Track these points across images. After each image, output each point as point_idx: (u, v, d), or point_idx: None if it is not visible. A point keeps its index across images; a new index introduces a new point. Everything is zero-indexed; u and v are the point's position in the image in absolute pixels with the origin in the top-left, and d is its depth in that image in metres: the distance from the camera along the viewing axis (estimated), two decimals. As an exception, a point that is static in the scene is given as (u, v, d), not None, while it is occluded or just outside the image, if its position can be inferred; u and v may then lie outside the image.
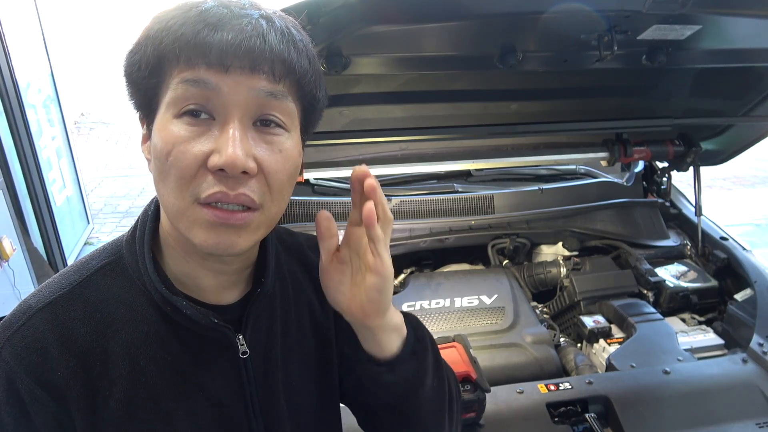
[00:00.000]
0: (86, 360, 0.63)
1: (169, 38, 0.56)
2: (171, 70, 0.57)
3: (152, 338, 0.66)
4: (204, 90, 0.57)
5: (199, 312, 0.66)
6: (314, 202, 1.96)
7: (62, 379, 0.61)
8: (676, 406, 1.29)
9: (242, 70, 0.57)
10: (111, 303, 0.66)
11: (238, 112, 0.58)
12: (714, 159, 2.05)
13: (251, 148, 0.58)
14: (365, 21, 1.16)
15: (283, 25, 0.60)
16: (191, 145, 0.57)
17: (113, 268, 0.68)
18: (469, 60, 1.46)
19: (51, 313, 0.63)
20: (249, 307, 0.71)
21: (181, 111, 0.58)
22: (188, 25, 0.56)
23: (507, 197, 2.05)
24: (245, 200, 0.59)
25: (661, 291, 1.77)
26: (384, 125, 1.74)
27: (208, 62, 0.56)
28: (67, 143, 3.96)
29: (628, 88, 1.78)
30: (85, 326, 0.64)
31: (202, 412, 0.69)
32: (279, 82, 0.59)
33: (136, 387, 0.65)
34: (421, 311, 1.62)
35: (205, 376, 0.69)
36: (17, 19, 3.25)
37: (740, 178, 5.63)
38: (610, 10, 1.22)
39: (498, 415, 1.24)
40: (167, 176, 0.58)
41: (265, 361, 0.73)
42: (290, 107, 0.62)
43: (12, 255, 2.71)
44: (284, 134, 0.62)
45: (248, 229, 0.61)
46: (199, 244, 0.60)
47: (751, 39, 1.43)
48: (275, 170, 0.61)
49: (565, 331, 1.77)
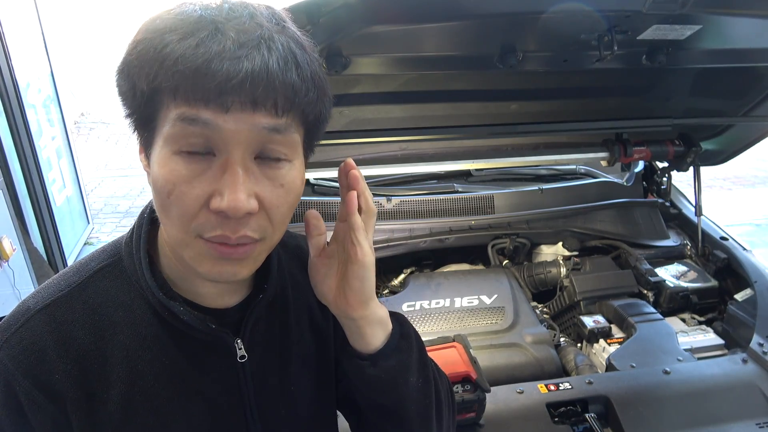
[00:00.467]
0: (84, 363, 0.62)
1: (163, 72, 0.52)
2: (168, 102, 0.54)
3: (150, 342, 0.65)
4: (203, 129, 0.54)
5: (196, 318, 0.65)
6: (314, 202, 1.96)
7: (60, 382, 0.61)
8: (676, 406, 1.28)
9: (243, 107, 0.53)
10: (109, 306, 0.65)
11: (239, 151, 0.55)
12: (714, 159, 2.05)
13: (252, 187, 0.57)
14: (365, 21, 1.16)
15: (285, 45, 0.55)
16: (192, 185, 0.56)
17: (112, 271, 0.67)
18: (469, 60, 1.46)
19: (49, 315, 0.63)
20: (249, 312, 0.71)
21: (180, 149, 0.55)
22: (185, 59, 0.51)
23: (507, 197, 2.05)
24: (246, 240, 0.59)
25: (661, 291, 1.77)
26: (384, 125, 1.74)
27: (206, 100, 0.52)
28: (67, 143, 3.96)
29: (628, 88, 1.78)
30: (83, 329, 0.63)
31: (200, 416, 0.68)
32: (282, 116, 0.56)
33: (134, 390, 0.64)
34: (421, 311, 1.62)
35: (203, 380, 0.68)
36: (17, 19, 3.25)
37: (740, 178, 5.63)
38: (610, 10, 1.22)
39: (498, 415, 1.24)
40: (169, 211, 0.58)
41: (262, 366, 0.73)
42: (293, 138, 0.59)
43: (12, 255, 2.72)
44: (287, 166, 0.60)
45: (249, 259, 0.61)
46: (204, 273, 0.60)
47: (751, 39, 1.43)
48: (277, 205, 0.59)
49: (565, 331, 1.77)
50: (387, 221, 1.95)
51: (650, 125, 1.82)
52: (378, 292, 1.86)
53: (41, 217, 3.29)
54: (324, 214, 1.94)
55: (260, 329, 0.73)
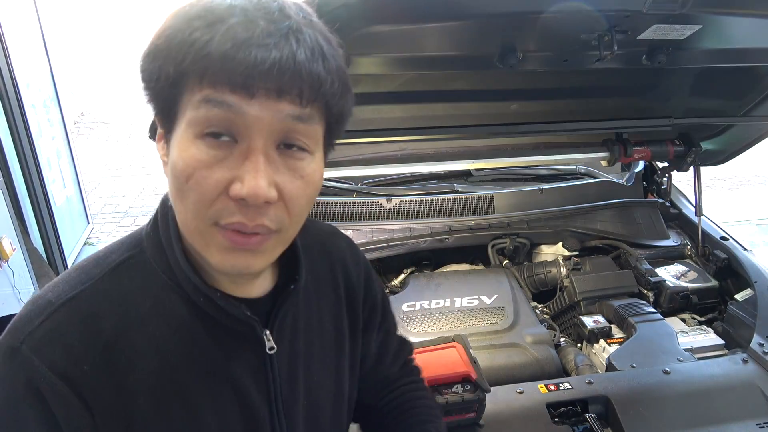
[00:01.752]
0: (112, 355, 0.61)
1: (192, 56, 0.53)
2: (193, 86, 0.54)
3: (181, 332, 0.65)
4: (227, 112, 0.54)
5: (232, 304, 0.65)
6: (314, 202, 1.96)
7: (88, 375, 0.60)
8: (676, 406, 1.28)
9: (268, 94, 0.54)
10: (136, 297, 0.64)
11: (261, 138, 0.55)
12: (714, 159, 2.05)
13: (273, 176, 0.57)
14: (365, 21, 1.16)
15: (313, 39, 0.56)
16: (212, 171, 0.55)
17: (135, 263, 0.66)
18: (469, 60, 1.46)
19: (74, 307, 0.62)
20: (280, 302, 0.71)
21: (203, 132, 0.55)
22: (213, 43, 0.52)
23: (507, 197, 2.05)
24: (262, 230, 0.58)
25: (661, 291, 1.77)
26: (384, 125, 1.74)
27: (232, 85, 0.53)
28: (67, 143, 3.96)
29: (628, 88, 1.78)
30: (109, 321, 0.62)
31: (230, 406, 0.68)
32: (306, 105, 0.56)
33: (164, 382, 0.64)
34: (421, 311, 1.62)
35: (234, 371, 0.68)
36: (17, 19, 3.25)
37: (740, 178, 5.63)
38: (610, 10, 1.22)
39: (498, 415, 1.23)
40: (186, 197, 0.57)
41: (289, 357, 0.73)
42: (316, 129, 0.60)
43: (12, 255, 2.71)
44: (308, 158, 0.60)
45: (264, 251, 0.61)
46: (215, 264, 0.60)
47: (751, 39, 1.43)
48: (296, 196, 0.59)
49: (565, 331, 1.77)
50: (387, 221, 1.94)
51: (650, 125, 1.82)
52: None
53: (41, 217, 3.29)
54: (324, 214, 1.95)
55: (287, 321, 0.73)
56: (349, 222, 1.92)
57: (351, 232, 1.88)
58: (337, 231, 0.89)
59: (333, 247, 0.85)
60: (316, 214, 1.94)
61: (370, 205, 1.98)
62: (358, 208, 1.97)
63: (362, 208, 1.97)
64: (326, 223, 0.89)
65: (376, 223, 1.92)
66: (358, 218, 1.95)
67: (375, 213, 1.97)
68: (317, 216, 1.94)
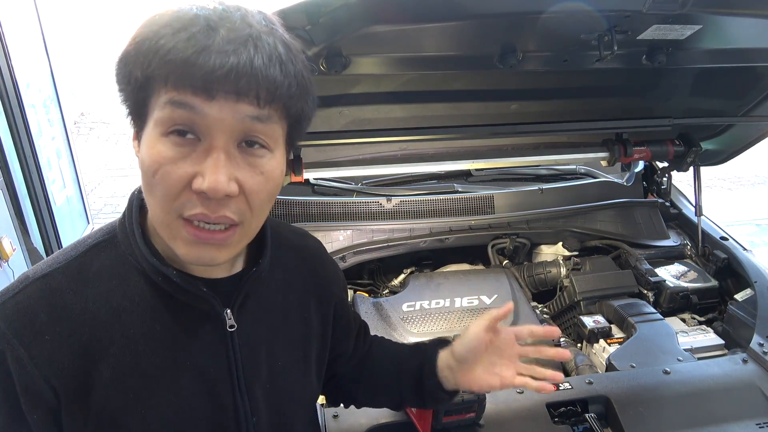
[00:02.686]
0: (75, 327, 0.66)
1: (156, 61, 0.57)
2: (159, 89, 0.59)
3: (142, 308, 0.69)
4: (190, 113, 0.58)
5: (187, 281, 0.69)
6: (314, 202, 1.96)
7: (49, 343, 0.65)
8: (676, 406, 1.28)
9: (227, 96, 0.58)
10: (104, 275, 0.69)
11: (222, 136, 0.60)
12: (714, 159, 2.05)
13: (234, 171, 0.61)
14: (365, 21, 1.16)
15: (272, 45, 0.60)
16: (177, 166, 0.60)
17: (107, 246, 0.72)
18: (469, 60, 1.46)
19: (45, 283, 0.68)
20: (241, 285, 0.75)
21: (168, 130, 0.60)
22: (176, 50, 0.56)
23: (507, 197, 2.05)
24: (225, 221, 0.63)
25: (661, 291, 1.77)
26: (384, 125, 1.74)
27: (194, 88, 0.57)
28: (67, 143, 3.95)
29: (628, 88, 1.78)
30: (77, 296, 0.68)
31: (189, 382, 0.72)
32: (264, 107, 0.60)
33: (126, 354, 0.68)
34: (421, 311, 1.62)
35: (193, 347, 0.72)
36: (17, 19, 3.25)
37: (741, 178, 5.63)
38: (610, 10, 1.22)
39: (498, 415, 1.24)
40: (154, 190, 0.62)
41: (251, 337, 0.77)
42: (275, 129, 0.64)
43: (12, 255, 2.71)
44: (267, 155, 0.64)
45: (229, 245, 0.65)
46: (182, 255, 0.64)
47: (751, 39, 1.43)
48: (256, 191, 0.64)
49: (565, 331, 1.77)
50: (387, 221, 1.94)
51: (650, 125, 1.82)
52: (378, 292, 1.86)
53: (41, 217, 3.28)
54: (324, 214, 1.95)
55: (250, 304, 0.77)
56: (349, 222, 1.92)
57: (351, 232, 1.88)
58: (308, 233, 0.95)
59: (303, 245, 0.91)
60: (317, 214, 1.94)
61: (370, 205, 1.98)
62: (358, 208, 1.97)
63: (362, 208, 1.97)
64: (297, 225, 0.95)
65: (376, 223, 1.92)
66: (358, 218, 1.95)
67: (375, 213, 1.97)
68: (318, 216, 1.94)
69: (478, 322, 0.90)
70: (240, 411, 0.75)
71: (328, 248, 1.80)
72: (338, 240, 1.85)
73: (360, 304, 1.64)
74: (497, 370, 0.91)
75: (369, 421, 1.20)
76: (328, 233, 1.86)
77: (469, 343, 0.90)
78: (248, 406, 0.76)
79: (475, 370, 0.91)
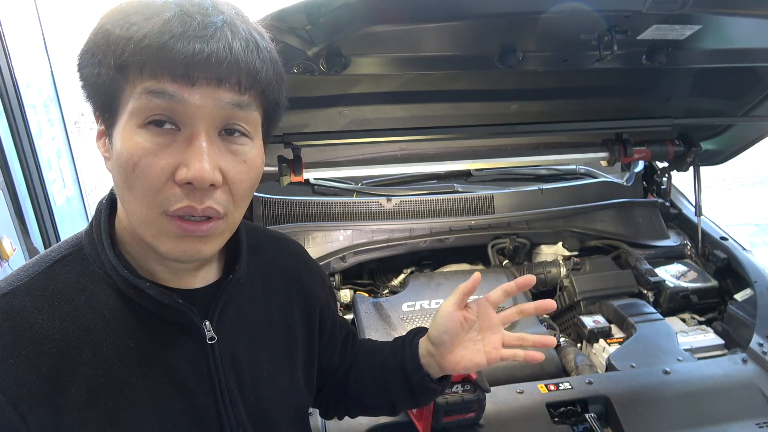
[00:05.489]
0: (42, 348, 0.62)
1: (131, 48, 0.54)
2: (134, 78, 0.56)
3: (114, 324, 0.65)
4: (169, 102, 0.56)
5: (162, 293, 0.66)
6: (314, 202, 1.96)
7: (14, 367, 0.60)
8: (676, 406, 1.28)
9: (208, 82, 0.56)
10: (70, 291, 0.65)
11: (204, 124, 0.58)
12: (714, 159, 2.05)
13: (217, 160, 0.59)
14: (365, 21, 1.16)
15: (246, 32, 0.59)
16: (158, 157, 0.57)
17: (73, 259, 0.68)
18: (469, 60, 1.46)
19: (5, 303, 0.63)
20: (218, 293, 0.72)
21: (146, 121, 0.57)
22: (152, 36, 0.54)
23: (507, 197, 2.05)
24: (211, 212, 0.60)
25: (661, 291, 1.77)
26: (384, 125, 1.74)
27: (173, 75, 0.55)
28: (67, 143, 3.95)
29: (628, 88, 1.78)
30: (42, 315, 0.63)
31: (168, 397, 0.68)
32: (245, 93, 0.59)
33: (98, 373, 0.64)
34: (421, 311, 1.62)
35: (172, 363, 0.69)
36: (17, 19, 3.25)
37: (740, 178, 5.63)
38: (610, 10, 1.22)
39: (498, 415, 1.24)
40: (134, 186, 0.59)
41: (233, 349, 0.74)
42: (254, 116, 0.63)
43: (12, 255, 2.71)
44: (248, 143, 0.63)
45: (213, 237, 0.63)
46: (166, 252, 0.62)
47: (751, 39, 1.43)
48: (239, 180, 0.62)
49: (565, 331, 1.77)
50: (387, 221, 1.94)
51: (650, 125, 1.82)
52: (378, 292, 1.86)
53: (41, 217, 3.28)
54: (324, 214, 1.95)
55: (230, 313, 0.74)
56: (349, 222, 1.92)
57: (351, 232, 1.88)
58: (288, 236, 0.92)
59: (283, 249, 0.88)
60: (317, 214, 1.94)
61: (370, 205, 1.98)
62: (358, 208, 1.97)
63: (362, 208, 1.97)
64: (275, 228, 0.92)
65: (376, 223, 1.92)
66: (358, 218, 1.95)
67: (375, 213, 1.97)
68: (318, 216, 1.94)
69: (447, 300, 0.86)
70: (225, 426, 0.72)
71: (328, 248, 1.83)
72: (338, 240, 1.85)
73: (360, 304, 1.64)
74: (480, 347, 0.85)
75: (369, 421, 1.20)
76: (328, 233, 1.86)
77: (443, 324, 0.85)
78: (233, 420, 0.73)
79: (457, 351, 0.86)
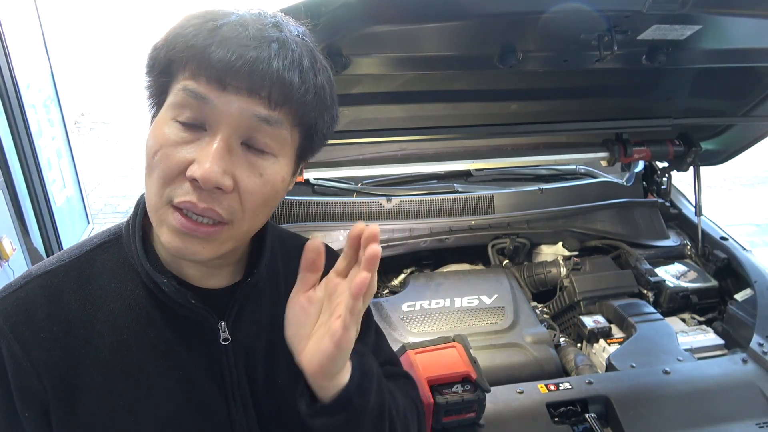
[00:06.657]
0: (71, 328, 0.66)
1: (180, 46, 0.59)
2: (178, 74, 0.60)
3: (137, 313, 0.68)
4: (200, 102, 0.59)
5: (177, 291, 0.67)
6: (314, 202, 1.96)
7: (43, 340, 0.65)
8: (676, 406, 1.28)
9: (239, 90, 0.58)
10: (104, 276, 0.69)
11: (227, 130, 0.59)
12: (714, 159, 2.05)
13: (231, 167, 0.60)
14: (365, 21, 1.16)
15: (297, 53, 0.60)
16: (177, 150, 0.60)
17: (112, 246, 0.71)
18: (469, 60, 1.46)
19: (46, 280, 0.68)
20: (235, 295, 0.72)
21: (177, 117, 0.60)
22: (200, 37, 0.58)
23: (507, 197, 2.05)
24: (213, 215, 0.61)
25: (661, 291, 1.77)
26: (384, 125, 1.74)
27: (208, 77, 0.58)
28: (67, 143, 3.95)
29: (628, 88, 1.78)
30: (75, 295, 0.67)
31: (180, 391, 0.70)
32: (275, 108, 0.60)
33: (118, 358, 0.67)
34: (421, 311, 1.62)
35: (187, 358, 0.70)
36: (17, 19, 3.25)
37: (740, 178, 5.63)
38: (610, 10, 1.22)
39: (498, 415, 1.23)
40: (151, 172, 0.61)
41: (248, 353, 0.74)
42: (283, 134, 0.62)
43: (12, 255, 2.71)
44: (270, 159, 0.63)
45: (214, 241, 0.63)
46: (165, 243, 0.63)
47: (751, 39, 1.43)
48: (251, 191, 0.62)
49: (565, 331, 1.77)
50: (387, 221, 1.94)
51: (650, 125, 1.82)
52: (378, 292, 1.86)
53: (41, 217, 3.28)
54: (323, 214, 1.95)
55: (246, 316, 0.74)
56: (349, 222, 1.92)
57: (351, 232, 1.87)
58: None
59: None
60: (317, 214, 1.94)
61: (370, 205, 1.98)
62: (358, 208, 1.97)
63: (362, 208, 1.97)
64: (298, 234, 0.89)
65: (376, 223, 1.92)
66: (358, 218, 1.95)
67: (375, 213, 1.97)
68: (318, 216, 1.94)
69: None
70: (236, 428, 0.72)
71: (328, 248, 1.82)
72: (338, 240, 1.85)
73: (360, 304, 1.64)
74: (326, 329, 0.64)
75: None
76: (329, 233, 1.86)
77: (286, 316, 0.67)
78: (245, 423, 0.72)
79: (309, 344, 0.64)
